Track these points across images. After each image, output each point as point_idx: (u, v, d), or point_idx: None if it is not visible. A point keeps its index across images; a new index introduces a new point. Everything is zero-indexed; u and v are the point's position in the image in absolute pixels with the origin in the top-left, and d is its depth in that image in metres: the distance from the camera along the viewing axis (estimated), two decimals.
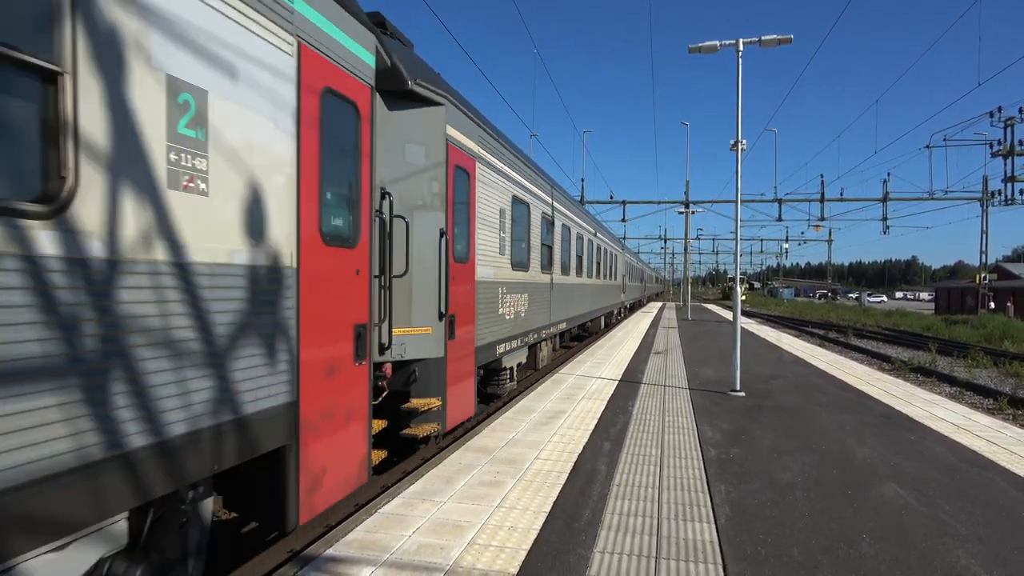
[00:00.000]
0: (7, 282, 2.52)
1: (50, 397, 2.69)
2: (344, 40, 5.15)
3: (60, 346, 2.73)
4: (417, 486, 5.72)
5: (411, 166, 7.18)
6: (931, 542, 4.67)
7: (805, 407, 9.77)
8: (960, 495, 5.72)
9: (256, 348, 4.00)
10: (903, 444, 7.55)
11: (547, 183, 13.88)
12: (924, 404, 10.28)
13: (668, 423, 8.44)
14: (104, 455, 2.94)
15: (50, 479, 2.69)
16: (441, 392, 7.49)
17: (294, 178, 4.43)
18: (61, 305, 2.73)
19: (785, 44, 11.19)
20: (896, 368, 19.94)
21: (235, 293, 3.81)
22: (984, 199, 43.04)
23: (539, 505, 5.28)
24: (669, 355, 16.61)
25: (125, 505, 3.08)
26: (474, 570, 4.06)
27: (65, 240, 2.74)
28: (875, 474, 6.33)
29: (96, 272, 2.89)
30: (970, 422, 8.91)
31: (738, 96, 11.18)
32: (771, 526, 4.90)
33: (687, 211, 39.92)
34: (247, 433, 3.92)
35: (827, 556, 4.38)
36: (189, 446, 3.44)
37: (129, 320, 3.05)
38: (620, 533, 4.73)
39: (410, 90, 6.84)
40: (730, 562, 4.26)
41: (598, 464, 6.51)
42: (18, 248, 2.56)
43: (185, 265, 3.40)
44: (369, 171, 5.57)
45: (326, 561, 4.16)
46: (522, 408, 9.25)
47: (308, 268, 4.58)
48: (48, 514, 2.70)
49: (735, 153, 11.43)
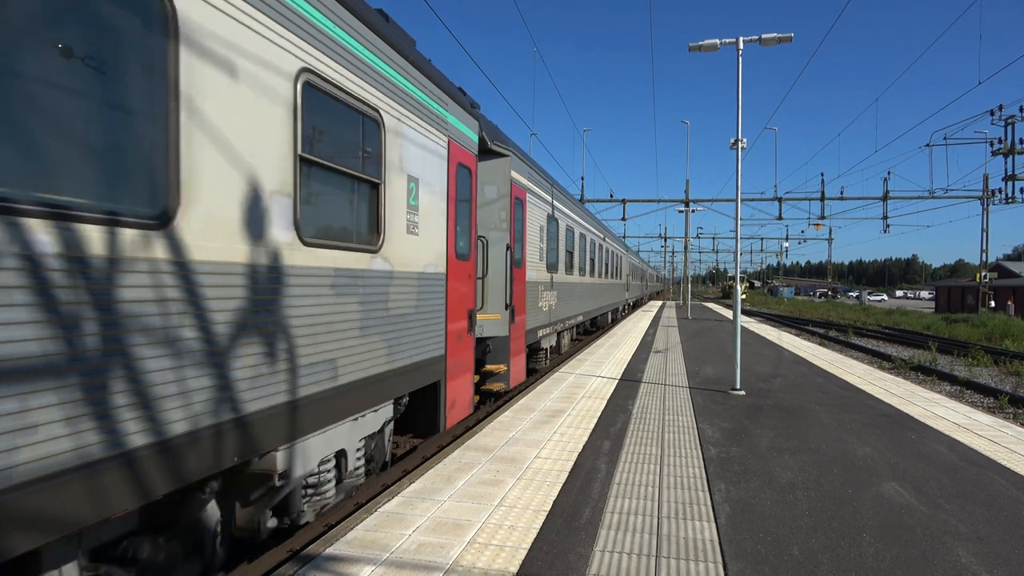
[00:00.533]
0: (348, 293, 5.07)
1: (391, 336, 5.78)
2: (466, 131, 8.04)
3: (377, 317, 5.53)
4: (417, 485, 5.71)
5: (487, 200, 10.10)
6: (932, 541, 4.66)
7: (805, 406, 9.77)
8: (961, 494, 5.72)
9: (431, 319, 6.82)
10: (903, 443, 7.55)
11: (571, 201, 17.22)
12: (924, 403, 10.28)
13: (668, 422, 8.43)
14: (394, 368, 5.88)
15: (379, 379, 5.61)
16: (506, 360, 10.28)
17: (446, 219, 7.18)
18: (380, 294, 5.61)
19: (785, 42, 11.18)
20: (896, 367, 19.94)
21: (428, 287, 6.70)
22: (985, 197, 42.99)
23: (539, 504, 5.27)
24: (669, 354, 16.61)
25: (394, 395, 6.01)
26: (474, 569, 4.06)
27: (383, 263, 5.60)
28: (875, 473, 6.32)
29: (396, 280, 5.89)
30: (971, 421, 8.91)
31: (738, 94, 11.16)
32: (771, 525, 4.90)
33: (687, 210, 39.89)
34: (427, 369, 6.76)
35: (828, 555, 4.38)
36: (409, 371, 6.29)
37: (394, 305, 5.86)
38: (620, 532, 4.72)
39: (489, 148, 9.74)
40: (730, 560, 4.26)
41: (598, 463, 6.50)
42: (365, 269, 5.30)
43: (414, 274, 6.32)
44: (475, 210, 8.49)
45: (326, 560, 4.15)
46: (522, 407, 9.25)
47: (451, 274, 7.38)
48: (376, 396, 5.61)
49: (735, 151, 11.42)
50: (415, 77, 6.30)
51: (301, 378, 4.44)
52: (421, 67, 6.46)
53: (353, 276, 5.14)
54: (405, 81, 6.05)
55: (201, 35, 3.45)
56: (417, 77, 6.34)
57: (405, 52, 6.01)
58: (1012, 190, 40.20)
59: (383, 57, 5.63)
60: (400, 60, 5.93)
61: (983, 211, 43.58)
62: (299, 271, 4.40)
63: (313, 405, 4.59)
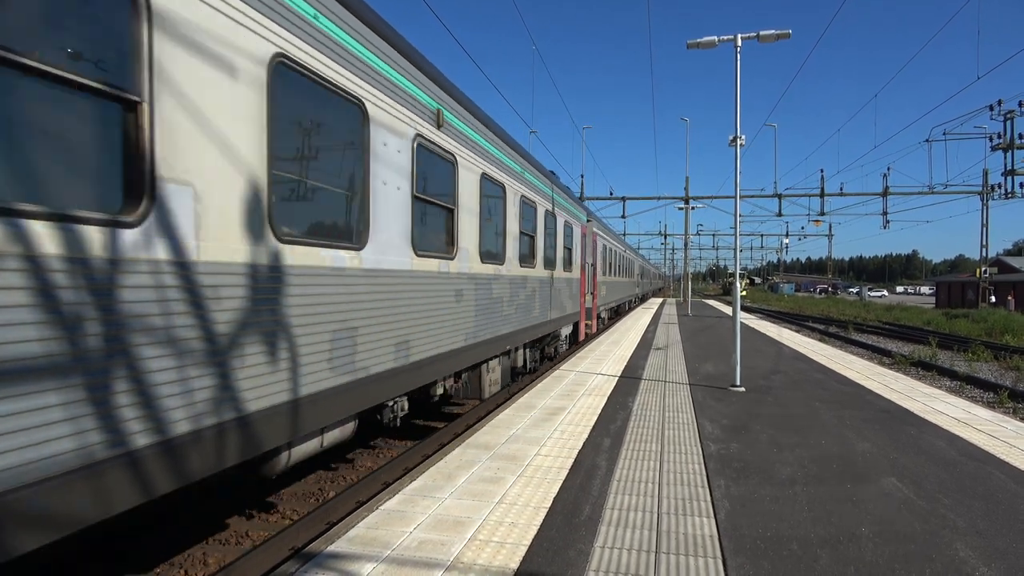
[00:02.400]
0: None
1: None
2: (583, 217, 19.66)
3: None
4: (418, 482, 5.74)
5: (580, 243, 19.07)
6: (930, 535, 4.69)
7: (805, 402, 9.79)
8: (959, 488, 5.74)
9: (575, 294, 17.84)
10: (903, 438, 7.57)
11: (612, 232, 29.63)
12: (924, 398, 10.30)
13: (668, 419, 8.46)
14: (567, 314, 16.93)
15: (570, 313, 17.24)
16: (592, 318, 20.03)
17: (579, 257, 18.42)
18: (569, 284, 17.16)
19: (784, 39, 11.19)
20: (897, 363, 19.95)
21: (571, 284, 17.14)
22: (984, 193, 43.00)
23: (540, 501, 5.30)
24: (669, 351, 16.63)
25: (572, 321, 17.92)
26: (475, 566, 4.09)
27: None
28: (875, 468, 6.35)
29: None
30: (970, 416, 8.93)
31: (736, 92, 11.17)
32: (771, 520, 4.92)
33: (687, 207, 39.93)
34: (574, 315, 17.68)
35: (826, 549, 4.40)
36: (562, 319, 16.13)
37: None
38: (620, 528, 4.75)
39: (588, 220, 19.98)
40: (729, 556, 4.28)
41: (598, 460, 6.53)
42: (570, 277, 17.32)
43: (574, 279, 17.79)
44: (584, 250, 19.19)
45: (328, 557, 4.18)
46: (523, 404, 9.27)
47: (580, 278, 18.45)
48: (572, 317, 17.76)
49: (734, 148, 11.43)
50: (587, 209, 19.37)
51: (564, 309, 16.01)
52: (570, 195, 16.74)
53: (568, 280, 16.56)
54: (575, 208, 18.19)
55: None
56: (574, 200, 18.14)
57: (576, 198, 17.02)
58: (1012, 185, 40.22)
59: (580, 207, 18.16)
60: (579, 204, 17.78)
61: (983, 206, 43.60)
62: (558, 280, 15.11)
63: (564, 318, 16.01)
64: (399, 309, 6.44)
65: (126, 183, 3.38)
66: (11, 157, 2.85)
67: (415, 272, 6.83)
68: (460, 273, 8.22)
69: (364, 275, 5.73)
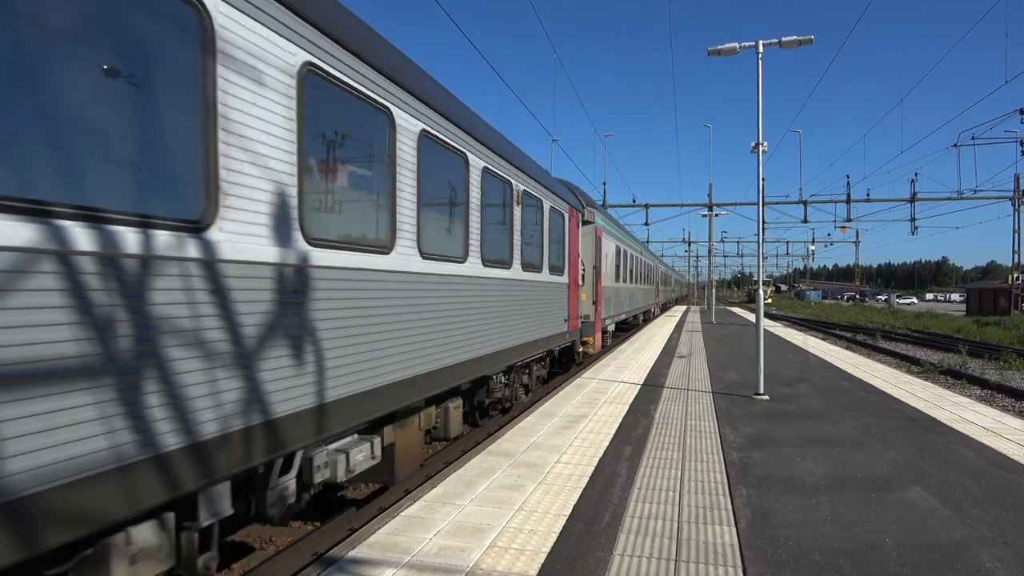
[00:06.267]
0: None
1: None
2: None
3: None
4: (439, 489, 5.79)
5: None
6: (956, 546, 4.61)
7: (830, 410, 9.67)
8: (987, 499, 5.64)
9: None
10: (929, 448, 7.45)
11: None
12: (952, 407, 10.12)
13: (690, 427, 8.41)
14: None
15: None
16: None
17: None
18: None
19: (806, 45, 11.14)
20: (925, 371, 19.57)
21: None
22: (1016, 198, 42.12)
23: (559, 508, 5.31)
24: (692, 359, 16.52)
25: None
26: (494, 572, 4.12)
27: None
28: (900, 478, 6.26)
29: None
30: (1000, 425, 8.75)
31: (758, 98, 11.13)
32: (792, 529, 4.88)
33: (710, 214, 39.67)
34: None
35: (849, 560, 4.36)
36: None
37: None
38: (640, 536, 4.75)
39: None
40: (750, 565, 4.26)
41: (619, 467, 6.52)
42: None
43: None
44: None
45: (349, 563, 4.24)
46: (544, 412, 9.29)
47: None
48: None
49: (756, 154, 11.38)
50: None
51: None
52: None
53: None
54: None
55: None
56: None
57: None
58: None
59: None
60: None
61: (1014, 211, 42.72)
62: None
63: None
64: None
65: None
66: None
67: None
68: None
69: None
